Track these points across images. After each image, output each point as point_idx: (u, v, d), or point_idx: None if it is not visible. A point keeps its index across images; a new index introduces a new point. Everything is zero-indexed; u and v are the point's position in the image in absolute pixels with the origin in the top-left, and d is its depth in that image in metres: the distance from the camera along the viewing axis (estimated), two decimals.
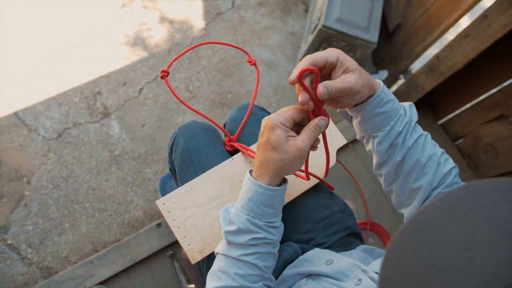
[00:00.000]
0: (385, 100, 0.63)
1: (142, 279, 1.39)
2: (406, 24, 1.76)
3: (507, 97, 1.46)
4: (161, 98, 1.75)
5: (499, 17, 1.19)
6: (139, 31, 1.87)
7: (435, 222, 0.28)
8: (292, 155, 0.60)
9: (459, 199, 0.28)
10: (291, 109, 0.62)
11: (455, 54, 1.40)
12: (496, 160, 1.59)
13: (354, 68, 0.58)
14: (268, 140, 0.61)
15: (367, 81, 0.59)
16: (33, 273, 1.38)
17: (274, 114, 0.62)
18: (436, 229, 0.28)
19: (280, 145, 0.60)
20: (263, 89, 1.88)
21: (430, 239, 0.27)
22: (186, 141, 0.90)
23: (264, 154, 0.62)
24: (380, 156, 0.68)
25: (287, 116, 0.61)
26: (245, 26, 2.01)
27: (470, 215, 0.27)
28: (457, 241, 0.26)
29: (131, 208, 1.53)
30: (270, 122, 0.60)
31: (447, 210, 0.28)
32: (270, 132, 0.60)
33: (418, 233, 0.28)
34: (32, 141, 1.56)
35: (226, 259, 0.65)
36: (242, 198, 0.65)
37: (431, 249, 0.27)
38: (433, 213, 0.29)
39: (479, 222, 0.26)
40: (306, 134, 0.61)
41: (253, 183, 0.63)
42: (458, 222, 0.27)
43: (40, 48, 1.73)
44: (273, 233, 0.66)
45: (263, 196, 0.63)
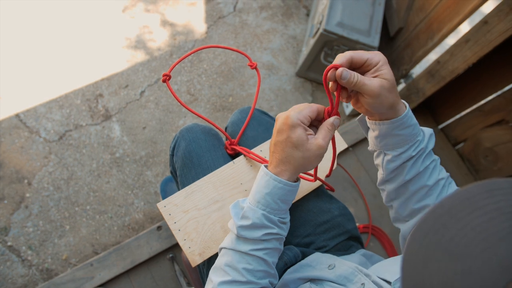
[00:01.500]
0: (406, 124, 0.63)
1: (142, 281, 1.39)
2: (407, 28, 1.77)
3: (507, 102, 1.46)
4: (163, 101, 1.76)
5: (499, 22, 1.20)
6: (140, 34, 1.88)
7: (454, 213, 0.30)
8: (314, 153, 0.61)
9: (476, 194, 0.31)
10: (308, 107, 0.63)
11: (456, 59, 1.41)
12: (496, 165, 1.59)
13: (388, 77, 0.58)
14: (289, 138, 0.61)
15: (392, 97, 0.59)
16: (33, 275, 1.38)
17: (291, 111, 0.62)
18: (455, 219, 0.30)
19: (302, 144, 0.61)
20: (264, 92, 1.88)
21: (450, 228, 0.30)
22: (188, 144, 0.90)
23: (284, 152, 0.63)
24: (387, 173, 0.69)
25: (305, 114, 0.62)
26: (246, 30, 2.02)
27: (486, 209, 0.29)
28: (475, 230, 0.29)
29: (131, 210, 1.54)
30: (290, 120, 0.61)
31: (465, 203, 0.30)
32: (291, 130, 0.61)
33: (440, 222, 0.30)
34: (33, 143, 1.56)
35: (235, 254, 0.65)
36: (258, 193, 0.65)
37: (452, 236, 0.29)
38: (452, 205, 0.31)
39: (494, 215, 0.29)
40: (326, 132, 0.62)
41: (272, 178, 0.64)
42: (475, 214, 0.29)
43: (41, 50, 1.74)
44: (283, 229, 0.67)
45: (281, 191, 0.64)
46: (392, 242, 1.56)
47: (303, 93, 1.93)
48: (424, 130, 0.68)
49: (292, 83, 1.94)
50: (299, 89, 1.93)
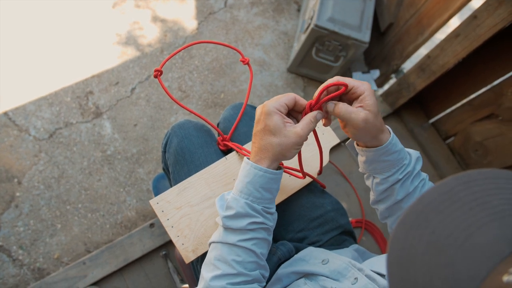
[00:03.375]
0: (392, 151, 0.66)
1: (135, 279, 1.38)
2: (398, 24, 1.77)
3: (496, 96, 1.48)
4: (154, 97, 1.74)
5: (488, 17, 1.21)
6: (131, 31, 1.86)
7: (435, 206, 0.31)
8: (291, 140, 0.62)
9: (454, 186, 0.32)
10: (285, 95, 0.64)
11: (446, 53, 1.42)
12: (486, 159, 1.61)
13: (371, 109, 0.61)
14: (266, 126, 0.62)
15: (375, 128, 0.63)
16: (24, 274, 1.37)
17: (268, 101, 0.63)
18: (436, 212, 0.31)
19: (279, 130, 0.62)
20: (256, 88, 1.88)
21: (431, 221, 0.31)
22: (180, 140, 0.90)
23: (262, 140, 0.63)
24: (377, 194, 0.72)
25: (281, 102, 0.63)
26: (237, 26, 2.01)
27: (464, 200, 0.31)
28: (455, 221, 0.30)
29: (124, 208, 1.53)
30: (266, 108, 0.62)
31: (444, 196, 0.31)
32: (267, 118, 0.62)
33: (421, 216, 0.31)
34: (23, 142, 1.54)
35: (223, 246, 0.65)
36: (240, 182, 0.65)
37: (433, 229, 0.30)
38: (432, 199, 0.32)
39: (473, 205, 0.30)
40: (306, 123, 0.63)
41: (253, 167, 0.64)
42: (455, 206, 0.31)
43: (30, 47, 1.71)
44: (269, 219, 0.67)
45: (262, 179, 0.64)
46: (384, 237, 1.57)
47: (294, 89, 1.93)
48: (411, 153, 0.70)
49: (284, 78, 1.94)
50: (290, 84, 1.93)
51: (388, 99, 1.83)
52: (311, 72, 1.91)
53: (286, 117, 0.63)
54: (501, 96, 1.46)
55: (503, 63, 1.42)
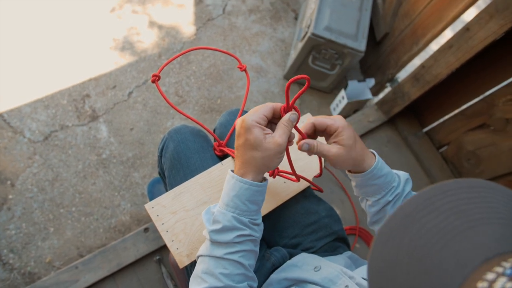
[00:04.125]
0: (377, 175, 0.68)
1: (128, 284, 1.37)
2: (393, 34, 1.80)
3: (488, 106, 1.50)
4: (150, 102, 1.75)
5: (480, 30, 1.24)
6: (128, 35, 1.87)
7: (413, 216, 0.32)
8: (272, 151, 0.62)
9: (432, 196, 0.33)
10: (263, 107, 0.64)
11: (439, 64, 1.44)
12: (478, 168, 1.63)
13: (345, 143, 0.65)
14: (247, 140, 0.63)
15: (350, 160, 0.66)
16: (14, 279, 1.36)
17: (247, 114, 0.64)
18: (414, 221, 0.32)
19: (260, 143, 0.62)
20: (252, 94, 1.89)
21: (410, 230, 0.31)
22: (176, 145, 0.90)
23: (245, 154, 0.64)
24: (371, 216, 0.74)
25: (260, 114, 0.63)
26: (235, 32, 2.03)
27: (441, 209, 0.31)
28: (432, 230, 0.30)
29: (118, 212, 1.52)
30: (245, 123, 0.62)
31: (421, 205, 0.32)
32: (248, 132, 0.62)
33: (401, 225, 0.32)
34: (17, 144, 1.54)
35: (210, 260, 0.65)
36: (226, 196, 0.66)
37: (412, 238, 0.31)
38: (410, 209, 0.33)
39: (449, 214, 0.31)
40: (282, 129, 0.64)
41: (238, 180, 0.64)
42: (432, 215, 0.31)
43: (27, 50, 1.71)
44: (256, 230, 0.67)
45: (248, 192, 0.64)
46: None
47: (290, 96, 1.94)
48: (400, 175, 0.72)
49: (280, 85, 1.95)
50: None
51: (383, 108, 1.85)
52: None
53: (266, 129, 0.64)
54: (493, 107, 1.49)
55: (494, 74, 1.45)
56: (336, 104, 1.88)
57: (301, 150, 0.68)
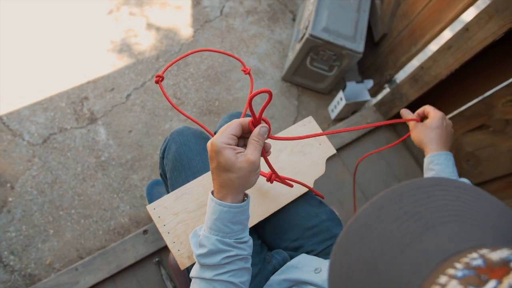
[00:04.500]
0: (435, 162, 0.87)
1: (128, 286, 1.37)
2: (391, 35, 1.81)
3: (487, 107, 1.51)
4: (149, 104, 1.75)
5: (479, 30, 1.24)
6: (126, 38, 1.87)
7: (369, 223, 0.31)
8: (246, 170, 0.61)
9: (387, 201, 0.32)
10: (229, 126, 0.62)
11: (439, 65, 1.45)
12: (477, 169, 1.63)
13: (430, 124, 0.90)
14: (219, 163, 0.61)
15: (427, 136, 0.90)
16: (15, 281, 1.35)
17: (215, 137, 0.61)
18: (371, 229, 0.31)
19: (232, 164, 0.60)
20: None
21: (367, 238, 0.31)
22: (178, 147, 0.90)
23: (220, 177, 0.62)
24: None
25: (228, 134, 0.61)
26: (233, 34, 2.03)
27: (397, 214, 0.31)
28: (390, 236, 0.30)
29: (117, 214, 1.52)
30: (215, 146, 0.60)
31: (378, 212, 0.31)
32: (218, 155, 0.60)
33: (355, 238, 0.31)
34: (16, 146, 1.53)
35: (201, 282, 0.65)
36: (208, 219, 0.65)
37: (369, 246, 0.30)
38: (366, 216, 0.32)
39: (404, 219, 0.30)
40: (253, 146, 0.62)
41: (217, 204, 0.63)
42: (388, 222, 0.30)
43: (25, 52, 1.71)
44: (243, 249, 0.66)
45: (228, 215, 0.63)
46: None
47: (289, 98, 1.95)
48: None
49: (278, 87, 1.96)
50: (285, 93, 1.95)
51: (381, 109, 1.86)
52: (306, 81, 1.93)
53: (237, 148, 0.62)
54: (492, 108, 1.49)
55: (494, 75, 1.46)
56: (334, 106, 1.88)
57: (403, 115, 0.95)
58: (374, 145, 1.84)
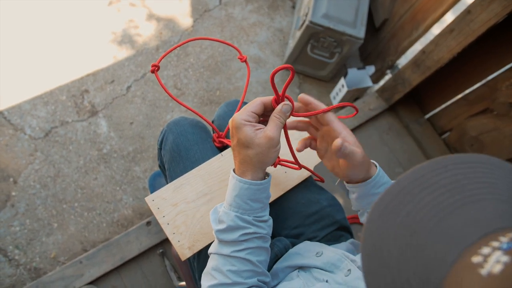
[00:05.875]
0: (380, 182, 0.67)
1: (132, 277, 1.38)
2: (392, 19, 1.77)
3: (491, 91, 1.49)
4: (149, 95, 1.74)
5: (482, 12, 1.21)
6: (126, 29, 1.85)
7: (409, 190, 0.32)
8: (265, 146, 0.61)
9: (427, 172, 0.32)
10: (251, 104, 0.63)
11: (441, 49, 1.42)
12: (481, 153, 1.62)
13: (359, 145, 0.65)
14: (239, 140, 0.62)
15: (367, 163, 0.65)
16: (20, 274, 1.37)
17: (236, 114, 0.62)
18: (411, 195, 0.31)
19: (251, 141, 0.61)
20: (251, 85, 1.88)
21: (407, 204, 0.31)
22: (175, 137, 0.90)
23: (240, 154, 0.63)
24: None
25: (248, 112, 0.62)
26: (232, 23, 2.01)
27: (435, 186, 0.31)
28: (428, 206, 0.30)
29: (120, 206, 1.52)
30: (235, 122, 0.61)
31: (418, 181, 0.32)
32: (238, 131, 0.61)
33: (397, 199, 0.32)
34: (18, 141, 1.53)
35: (219, 257, 0.66)
36: (228, 196, 0.66)
37: (408, 212, 0.31)
38: (407, 183, 0.32)
39: (443, 191, 0.31)
40: (273, 122, 0.62)
41: (238, 180, 0.64)
42: (427, 191, 0.31)
43: (25, 46, 1.70)
44: (262, 227, 0.67)
45: (248, 192, 0.64)
46: None
47: (290, 86, 1.93)
48: None
49: (279, 75, 1.94)
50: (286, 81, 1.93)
51: (383, 95, 1.84)
52: (307, 69, 1.91)
53: (257, 125, 0.62)
54: (495, 91, 1.47)
55: (497, 58, 1.43)
56: (336, 93, 1.86)
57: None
58: (376, 131, 1.82)
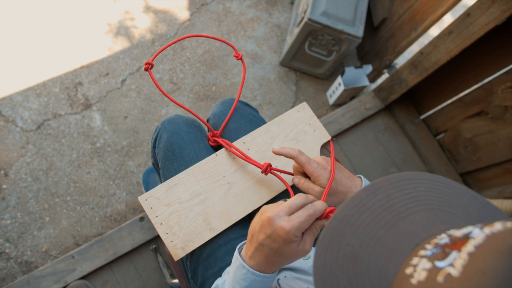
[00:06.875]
0: None
1: (125, 273, 1.38)
2: (391, 19, 1.77)
3: (487, 94, 1.49)
4: (144, 89, 1.72)
5: (481, 15, 1.21)
6: (122, 21, 1.83)
7: (347, 220, 0.34)
8: (299, 256, 0.60)
9: (363, 198, 0.34)
10: (305, 219, 0.57)
11: (439, 50, 1.42)
12: (475, 155, 1.62)
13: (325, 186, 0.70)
14: (281, 250, 0.58)
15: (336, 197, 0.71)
16: (11, 268, 1.35)
17: (288, 223, 0.56)
18: (349, 225, 0.33)
19: (293, 255, 0.59)
20: (248, 81, 1.87)
21: (346, 234, 0.33)
22: (170, 136, 0.88)
23: (269, 257, 0.59)
24: None
25: (301, 228, 0.57)
26: (230, 18, 1.99)
27: (372, 208, 0.33)
28: (366, 229, 0.32)
29: (113, 201, 1.51)
30: (288, 236, 0.56)
31: (355, 209, 0.34)
32: (285, 245, 0.57)
33: (336, 232, 0.33)
34: (9, 133, 1.51)
35: None
36: (237, 283, 0.63)
37: (348, 241, 0.32)
38: (345, 214, 0.34)
39: (379, 211, 0.33)
40: (312, 236, 0.60)
41: (250, 272, 0.61)
42: (365, 215, 0.33)
43: (16, 35, 1.67)
44: None
45: (260, 284, 0.62)
46: None
47: (287, 83, 1.92)
48: None
49: (276, 72, 1.93)
50: (283, 78, 1.92)
51: (380, 95, 1.83)
52: (304, 66, 1.90)
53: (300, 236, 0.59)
54: (491, 94, 1.47)
55: (494, 61, 1.43)
56: (333, 91, 1.86)
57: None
58: (372, 130, 1.82)
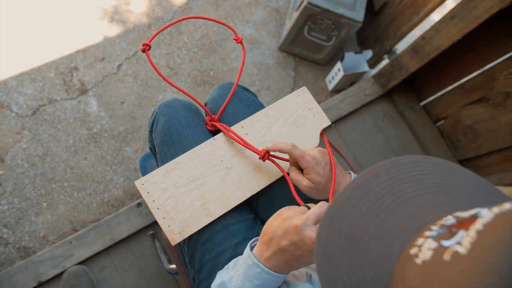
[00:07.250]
0: None
1: (122, 258, 1.37)
2: (392, 3, 1.73)
3: (488, 80, 1.47)
4: (141, 74, 1.70)
5: None
6: (117, 5, 1.79)
7: (349, 201, 0.34)
8: None
9: (365, 180, 0.34)
10: None
11: (441, 35, 1.39)
12: (475, 142, 1.61)
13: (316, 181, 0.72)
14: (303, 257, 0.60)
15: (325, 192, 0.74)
16: (9, 253, 1.35)
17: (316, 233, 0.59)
18: (351, 206, 0.33)
19: (311, 262, 0.61)
20: (246, 67, 1.84)
21: (348, 215, 0.33)
22: (167, 120, 0.87)
23: (290, 261, 0.61)
24: None
25: None
26: (228, 2, 1.95)
27: (375, 190, 0.34)
28: (368, 211, 0.33)
29: (110, 187, 1.50)
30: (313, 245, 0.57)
31: (357, 191, 0.34)
32: (310, 253, 0.59)
33: (338, 213, 0.34)
34: (4, 118, 1.49)
35: None
36: (248, 282, 0.63)
37: (350, 222, 0.33)
38: (347, 196, 0.34)
39: (382, 194, 0.33)
40: None
41: (265, 272, 0.62)
42: (367, 198, 0.33)
43: (10, 20, 1.63)
44: None
45: (273, 283, 0.63)
46: None
47: (285, 68, 1.90)
48: None
49: (275, 57, 1.90)
50: (282, 63, 1.90)
51: (380, 80, 1.81)
52: (303, 51, 1.87)
53: None
54: (493, 80, 1.45)
55: (496, 47, 1.41)
56: (332, 77, 1.84)
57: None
58: (371, 117, 1.81)
